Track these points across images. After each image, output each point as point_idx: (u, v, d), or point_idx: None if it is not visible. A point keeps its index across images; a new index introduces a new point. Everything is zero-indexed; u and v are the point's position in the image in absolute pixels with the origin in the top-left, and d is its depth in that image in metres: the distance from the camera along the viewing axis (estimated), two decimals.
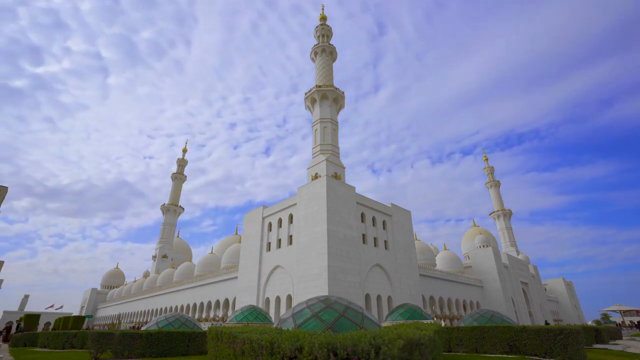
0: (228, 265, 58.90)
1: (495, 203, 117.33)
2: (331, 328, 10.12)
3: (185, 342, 18.49)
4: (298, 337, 6.86)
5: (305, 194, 38.65)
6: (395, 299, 39.96)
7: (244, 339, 7.82)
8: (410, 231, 48.36)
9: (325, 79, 56.87)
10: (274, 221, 43.32)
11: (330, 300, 11.76)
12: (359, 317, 10.99)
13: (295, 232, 38.70)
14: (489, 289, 65.10)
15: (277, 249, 41.22)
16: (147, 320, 74.47)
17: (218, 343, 9.88)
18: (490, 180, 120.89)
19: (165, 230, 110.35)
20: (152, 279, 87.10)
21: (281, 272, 39.31)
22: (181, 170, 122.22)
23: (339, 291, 32.37)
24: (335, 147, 50.95)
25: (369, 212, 41.92)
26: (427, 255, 64.10)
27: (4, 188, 14.95)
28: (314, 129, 52.56)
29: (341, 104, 55.76)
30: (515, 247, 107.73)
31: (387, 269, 40.85)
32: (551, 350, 16.12)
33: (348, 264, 34.93)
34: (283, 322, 11.51)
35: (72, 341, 26.35)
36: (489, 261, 66.84)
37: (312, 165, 49.06)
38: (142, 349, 17.19)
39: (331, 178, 38.08)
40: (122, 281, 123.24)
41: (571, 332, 15.85)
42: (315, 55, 60.47)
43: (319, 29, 62.53)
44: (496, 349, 17.91)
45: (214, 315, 53.29)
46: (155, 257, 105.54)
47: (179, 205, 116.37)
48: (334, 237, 34.40)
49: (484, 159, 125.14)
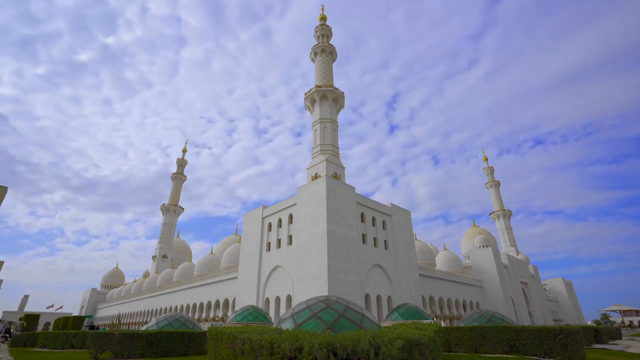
0: (228, 265, 58.89)
1: (495, 203, 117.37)
2: (331, 328, 10.12)
3: (185, 342, 18.49)
4: (298, 337, 6.86)
5: (305, 194, 38.65)
6: (395, 299, 39.96)
7: (244, 339, 7.82)
8: (410, 231, 48.37)
9: (325, 79, 56.89)
10: (274, 221, 43.32)
11: (330, 300, 11.76)
12: (358, 317, 10.99)
13: (295, 232, 38.70)
14: (489, 289, 65.13)
15: (277, 249, 41.22)
16: (147, 320, 74.45)
17: (218, 343, 9.88)
18: (490, 180, 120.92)
19: (165, 230, 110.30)
20: (152, 279, 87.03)
21: (281, 272, 39.31)
22: (181, 171, 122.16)
23: (339, 291, 32.36)
24: (335, 147, 50.99)
25: (369, 212, 41.93)
26: (427, 255, 64.11)
27: (4, 188, 14.99)
28: (313, 129, 52.58)
29: (341, 104, 55.77)
30: (515, 247, 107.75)
31: (387, 269, 40.86)
32: (551, 350, 16.13)
33: (348, 264, 34.92)
34: (283, 322, 11.51)
35: (71, 341, 26.35)
36: (488, 261, 66.88)
37: (312, 165, 49.09)
38: (142, 349, 17.19)
39: (331, 178, 38.09)
40: (122, 281, 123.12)
41: (571, 332, 15.86)
42: (315, 56, 60.47)
43: (319, 29, 62.50)
44: (496, 349, 17.92)
45: (214, 316, 53.27)
46: (155, 257, 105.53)
47: (178, 205, 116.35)
48: (333, 237, 34.39)
49: (483, 159, 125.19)
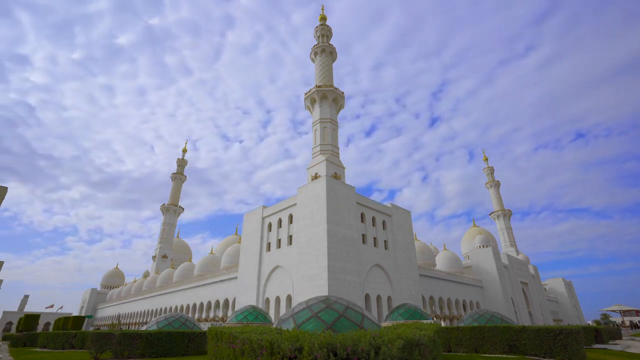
0: (228, 265, 58.88)
1: (495, 203, 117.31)
2: (331, 328, 10.12)
3: (185, 342, 18.50)
4: (298, 337, 6.86)
5: (305, 194, 38.65)
6: (395, 299, 39.96)
7: (244, 339, 7.82)
8: (410, 231, 48.37)
9: (325, 79, 56.87)
10: (274, 221, 43.31)
11: (330, 301, 11.76)
12: (358, 317, 10.99)
13: (295, 232, 38.69)
14: (489, 289, 65.12)
15: (277, 249, 41.21)
16: (147, 320, 74.44)
17: (218, 343, 9.88)
18: (490, 180, 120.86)
19: (165, 230, 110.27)
20: (152, 279, 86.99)
21: (281, 272, 39.30)
22: (181, 171, 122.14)
23: (339, 291, 32.36)
24: (335, 147, 50.98)
25: (369, 212, 41.93)
26: (427, 255, 64.11)
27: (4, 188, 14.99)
28: (313, 129, 52.57)
29: (341, 104, 55.76)
30: (515, 247, 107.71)
31: (387, 269, 40.85)
32: (551, 350, 16.13)
33: (348, 264, 34.91)
34: (283, 322, 11.51)
35: (71, 341, 26.35)
36: (488, 261, 66.87)
37: (312, 165, 49.08)
38: (142, 349, 17.19)
39: (331, 178, 38.09)
40: (122, 281, 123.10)
41: (571, 332, 15.86)
42: (315, 56, 60.47)
43: (319, 29, 62.48)
44: (496, 349, 17.92)
45: (214, 316, 53.26)
46: (155, 258, 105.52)
47: (178, 205, 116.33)
48: (333, 237, 34.39)
49: (483, 159, 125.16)
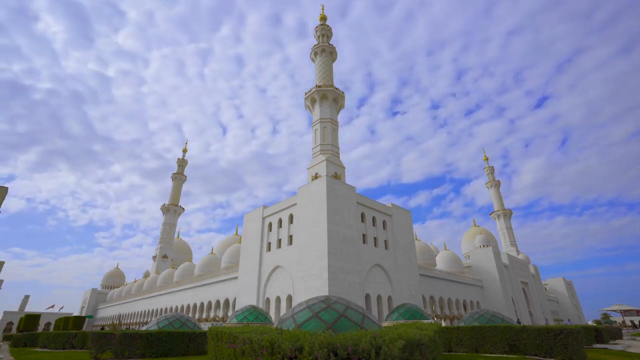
0: (228, 265, 58.87)
1: (495, 203, 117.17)
2: (331, 328, 10.11)
3: (185, 342, 18.50)
4: (298, 337, 6.86)
5: (305, 194, 38.65)
6: (395, 299, 39.96)
7: (244, 339, 7.81)
8: (410, 231, 48.36)
9: (325, 79, 56.85)
10: (274, 221, 43.31)
11: (330, 300, 11.76)
12: (359, 317, 10.99)
13: (295, 232, 38.70)
14: (489, 288, 65.09)
15: (277, 249, 41.21)
16: (148, 320, 74.46)
17: (218, 343, 9.87)
18: (491, 180, 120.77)
19: (165, 230, 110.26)
20: (152, 279, 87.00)
21: (281, 272, 39.31)
22: (181, 171, 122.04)
23: (339, 291, 32.36)
24: (335, 147, 50.95)
25: (369, 212, 41.92)
26: (427, 255, 64.06)
27: (4, 188, 15.02)
28: (313, 129, 52.55)
29: (341, 104, 55.74)
30: (515, 246, 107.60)
31: (387, 268, 40.85)
32: (551, 350, 16.11)
33: (348, 264, 34.92)
34: (283, 322, 11.51)
35: (72, 341, 26.36)
36: (489, 261, 66.83)
37: (312, 165, 49.06)
38: (142, 349, 17.19)
39: (331, 178, 38.09)
40: (122, 281, 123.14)
41: (571, 332, 15.85)
42: (315, 55, 60.45)
43: (319, 29, 62.46)
44: (496, 348, 17.91)
45: (214, 316, 53.27)
46: (156, 258, 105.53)
47: (179, 205, 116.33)
48: (334, 237, 34.39)
49: (484, 158, 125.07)
